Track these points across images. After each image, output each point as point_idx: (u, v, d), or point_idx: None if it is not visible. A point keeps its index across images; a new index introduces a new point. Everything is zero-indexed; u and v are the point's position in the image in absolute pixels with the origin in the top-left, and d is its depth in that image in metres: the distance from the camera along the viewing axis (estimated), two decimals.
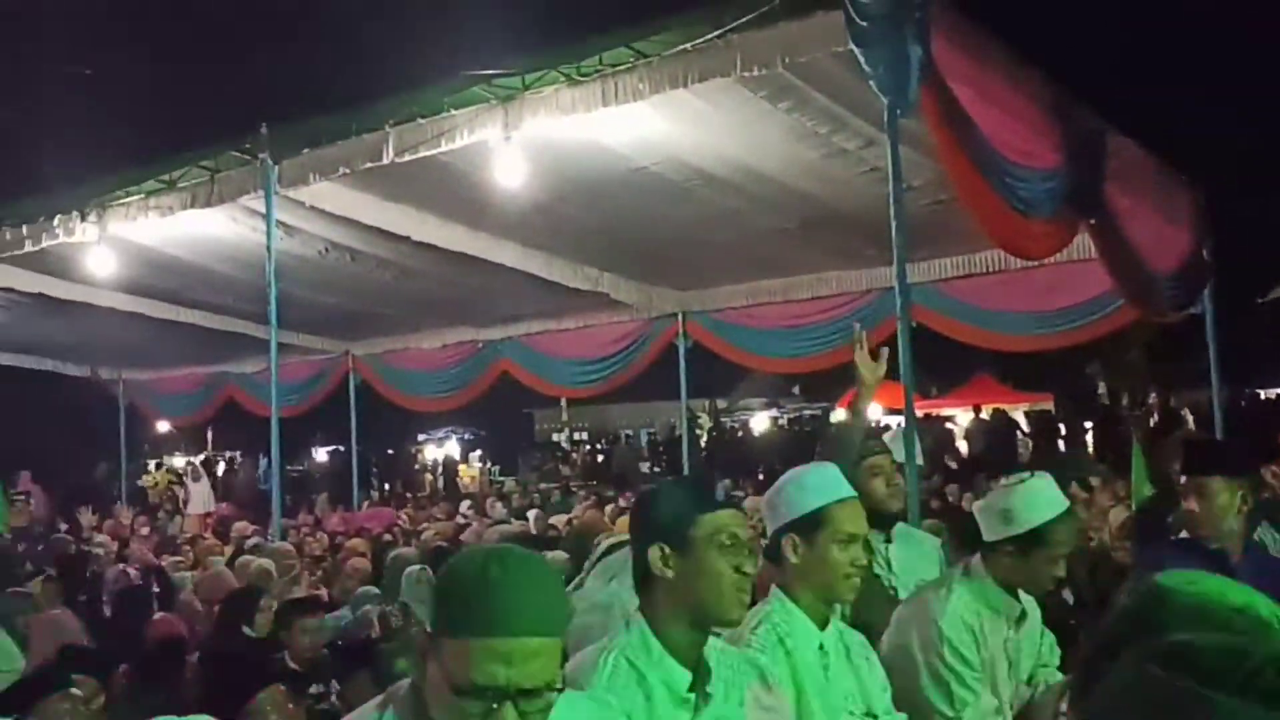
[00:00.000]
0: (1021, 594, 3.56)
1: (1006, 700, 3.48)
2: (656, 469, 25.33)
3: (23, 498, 16.22)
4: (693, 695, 2.46)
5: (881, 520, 4.06)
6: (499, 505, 14.84)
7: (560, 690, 1.84)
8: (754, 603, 2.83)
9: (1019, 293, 11.15)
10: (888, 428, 7.27)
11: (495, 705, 1.75)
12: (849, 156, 8.66)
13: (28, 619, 6.80)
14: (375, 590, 7.69)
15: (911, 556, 4.20)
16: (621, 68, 7.53)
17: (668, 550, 2.49)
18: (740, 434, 27.11)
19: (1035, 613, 3.65)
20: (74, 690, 4.18)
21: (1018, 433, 20.58)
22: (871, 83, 6.07)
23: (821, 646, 2.98)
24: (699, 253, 11.73)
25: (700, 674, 2.49)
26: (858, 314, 11.62)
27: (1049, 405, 24.18)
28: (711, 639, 2.57)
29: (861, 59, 6.02)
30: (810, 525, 2.99)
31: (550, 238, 11.29)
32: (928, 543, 4.53)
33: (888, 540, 4.16)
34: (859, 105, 7.44)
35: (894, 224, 6.11)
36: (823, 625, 3.01)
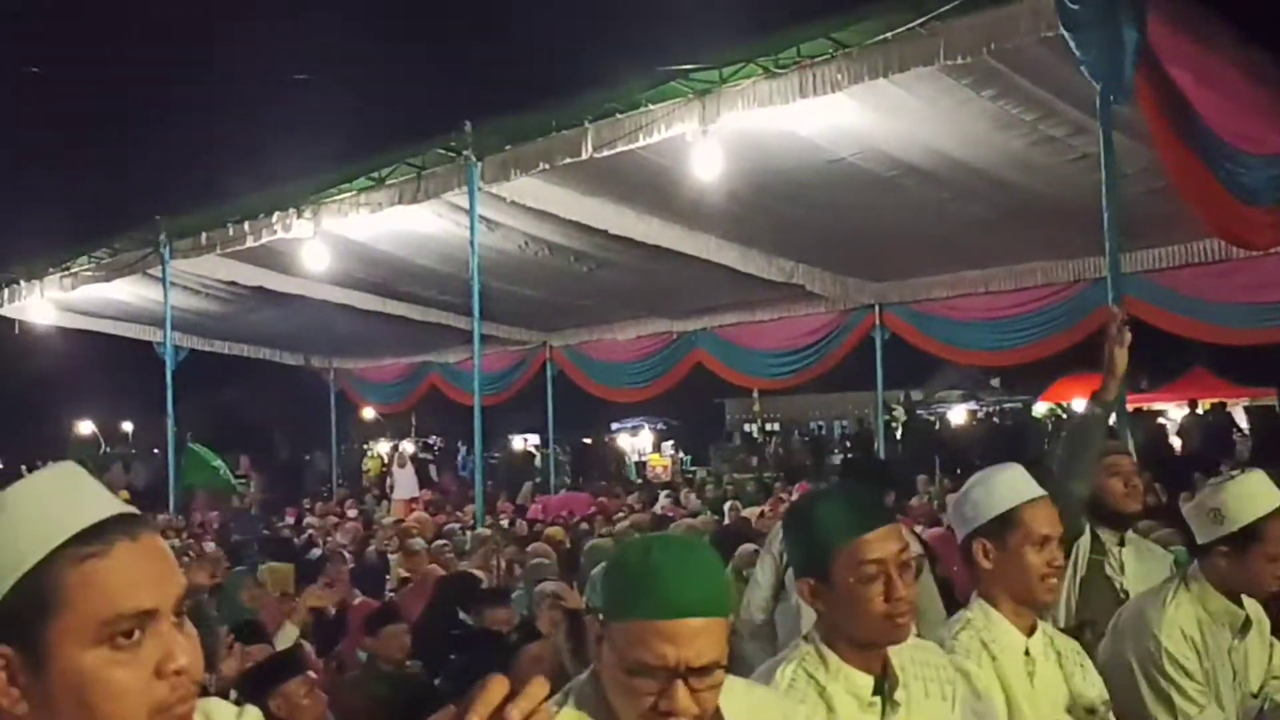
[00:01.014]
0: (1246, 599, 3.37)
1: (1233, 714, 3.31)
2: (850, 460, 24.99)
3: (243, 481, 17.14)
4: (878, 699, 2.43)
5: (1117, 521, 3.91)
6: (693, 496, 14.93)
7: (725, 669, 1.89)
8: None
9: (1239, 284, 10.58)
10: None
11: (666, 685, 1.81)
12: (1056, 144, 8.39)
13: (255, 596, 7.15)
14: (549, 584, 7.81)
15: (1146, 569, 3.98)
16: (820, 59, 7.48)
17: (813, 583, 2.40)
18: (936, 427, 26.57)
19: (1263, 621, 3.45)
20: (310, 674, 4.36)
21: (1235, 429, 19.56)
22: (1083, 68, 5.86)
23: (1027, 652, 2.89)
24: (896, 244, 11.54)
25: (887, 677, 2.44)
26: (1065, 305, 11.28)
27: (1273, 400, 22.84)
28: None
29: (1072, 43, 5.83)
30: (1001, 528, 2.87)
31: (746, 230, 11.28)
32: (1162, 556, 4.29)
33: (1120, 543, 3.99)
34: (1068, 91, 7.20)
35: (1106, 213, 5.90)
36: (1029, 630, 2.92)
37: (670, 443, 28.03)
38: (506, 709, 1.11)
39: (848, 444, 27.22)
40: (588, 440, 26.34)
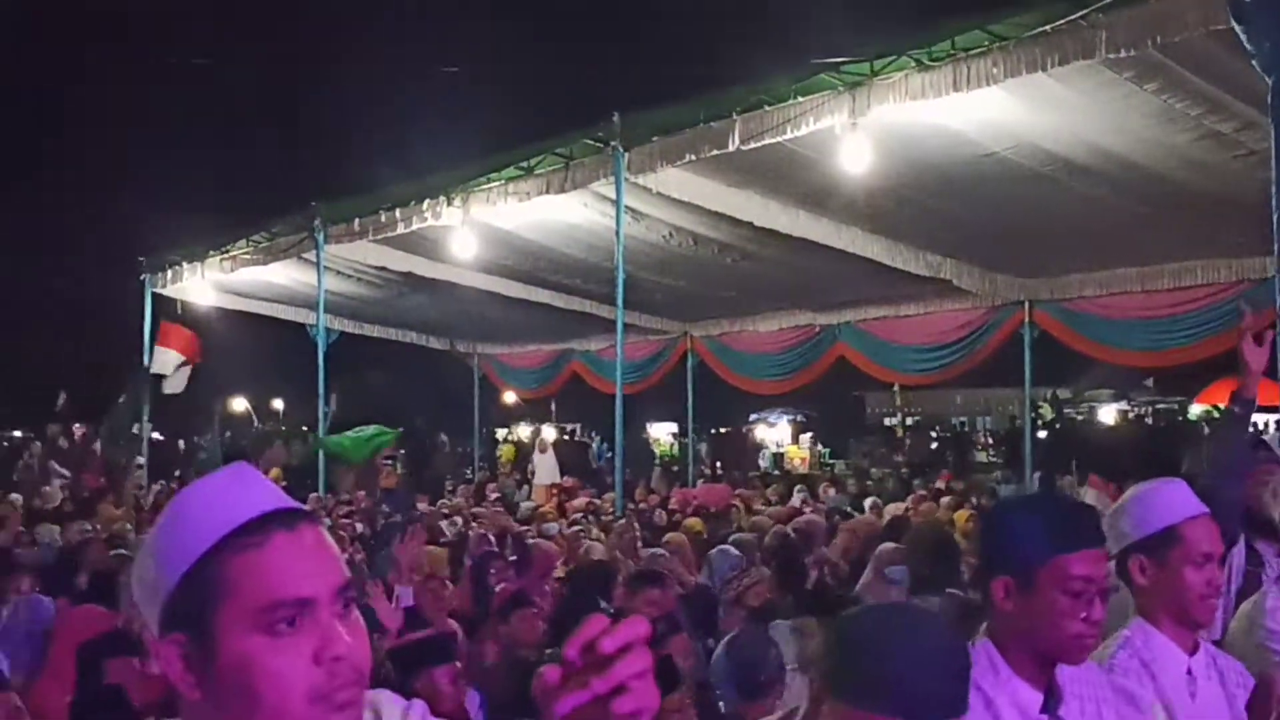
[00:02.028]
0: None
1: None
2: (994, 459, 24.54)
3: (390, 463, 17.53)
4: (1045, 717, 2.38)
5: (1273, 532, 3.78)
6: (831, 490, 14.80)
7: None
8: None
9: None
10: (1265, 429, 6.74)
11: None
12: (1223, 140, 8.10)
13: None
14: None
15: None
16: (975, 51, 7.35)
17: (1012, 586, 2.37)
18: (1086, 426, 25.84)
19: None
20: (456, 664, 4.45)
21: None
22: (1254, 62, 5.63)
23: (1189, 671, 2.81)
24: (1048, 240, 11.27)
25: (1052, 694, 2.40)
26: (1225, 306, 10.86)
27: None
28: None
29: (1243, 36, 5.60)
30: (1160, 545, 2.78)
31: (892, 223, 11.14)
32: None
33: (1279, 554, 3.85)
34: (1236, 85, 6.95)
35: (1276, 212, 5.66)
36: (1191, 649, 2.83)
37: (808, 435, 27.81)
38: (600, 639, 1.14)
39: (990, 440, 26.69)
40: (725, 430, 26.31)
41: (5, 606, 6.59)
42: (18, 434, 29.87)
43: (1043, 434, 21.59)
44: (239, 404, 33.90)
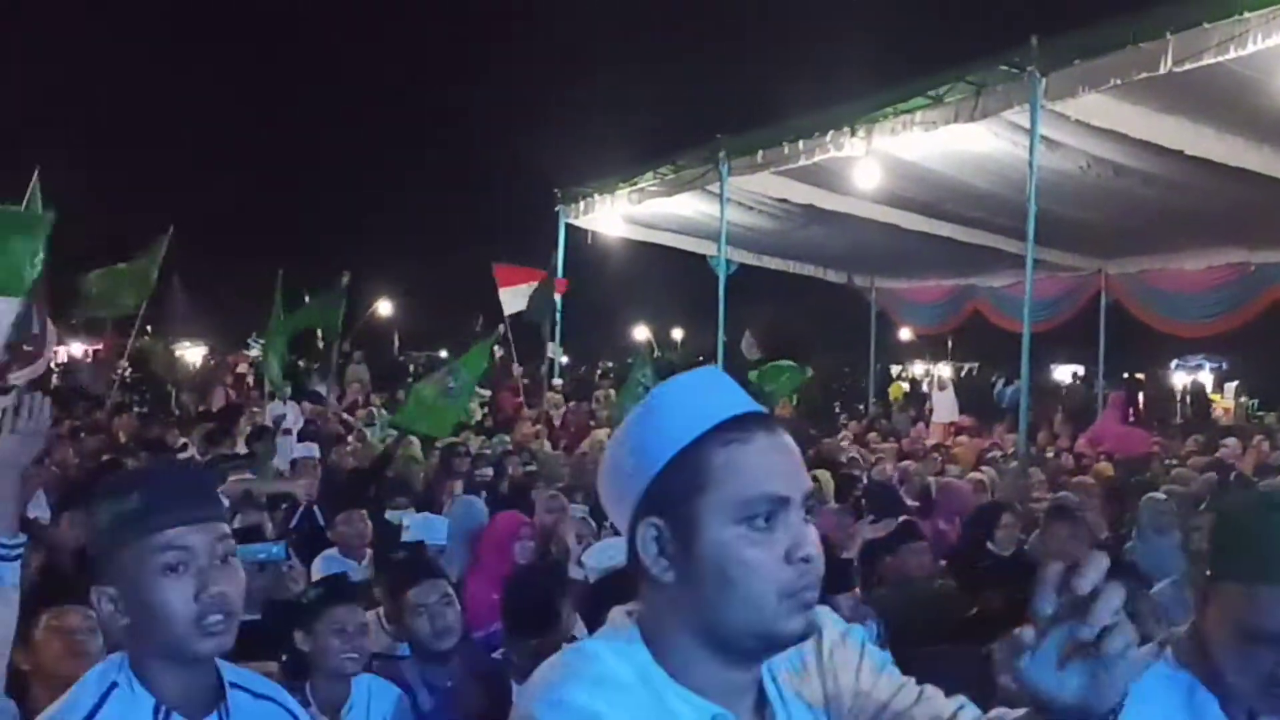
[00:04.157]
0: None
1: None
2: None
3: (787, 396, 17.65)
4: None
5: None
6: (1265, 444, 13.57)
7: None
8: None
9: None
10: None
11: None
12: None
13: None
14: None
15: None
16: None
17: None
18: None
19: None
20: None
21: None
22: None
23: None
24: None
25: None
26: None
27: None
28: None
29: None
30: None
31: None
32: None
33: None
34: None
35: None
36: None
37: (1234, 384, 25.68)
38: (1075, 582, 1.20)
39: None
40: (1139, 375, 24.75)
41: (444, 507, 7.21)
42: (443, 354, 32.63)
43: None
44: (640, 332, 35.41)
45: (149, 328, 23.84)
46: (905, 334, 25.62)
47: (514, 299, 15.50)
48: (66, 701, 1.92)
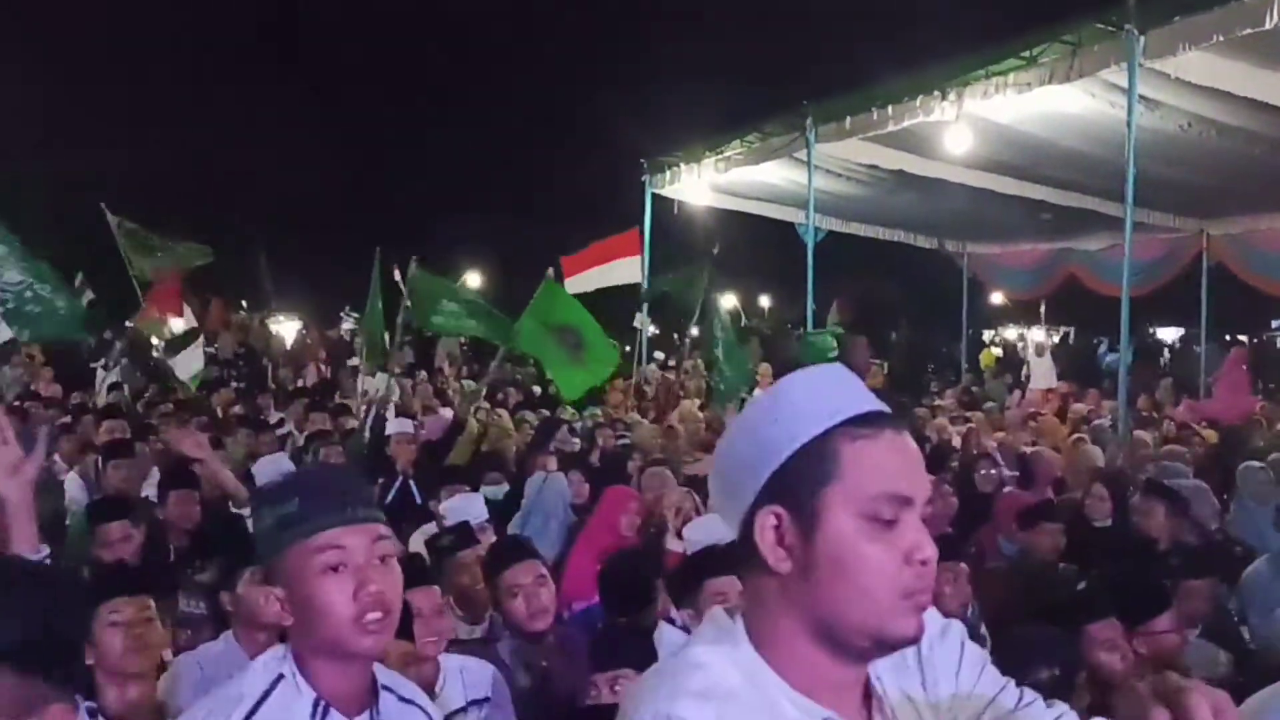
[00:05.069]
0: None
1: None
2: None
3: (877, 363, 17.47)
4: None
5: None
6: None
7: None
8: None
9: None
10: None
11: None
12: None
13: None
14: None
15: None
16: None
17: None
18: None
19: None
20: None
21: None
22: None
23: None
24: None
25: None
26: None
27: None
28: None
29: None
30: None
31: None
32: None
33: None
34: None
35: None
36: None
37: None
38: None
39: None
40: (1242, 338, 24.11)
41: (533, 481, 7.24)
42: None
43: None
44: (727, 301, 35.25)
45: (244, 303, 24.36)
46: (997, 299, 25.23)
47: (607, 274, 15.33)
48: (237, 685, 2.02)
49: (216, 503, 6.23)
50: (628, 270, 15.48)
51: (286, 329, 22.80)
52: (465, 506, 5.91)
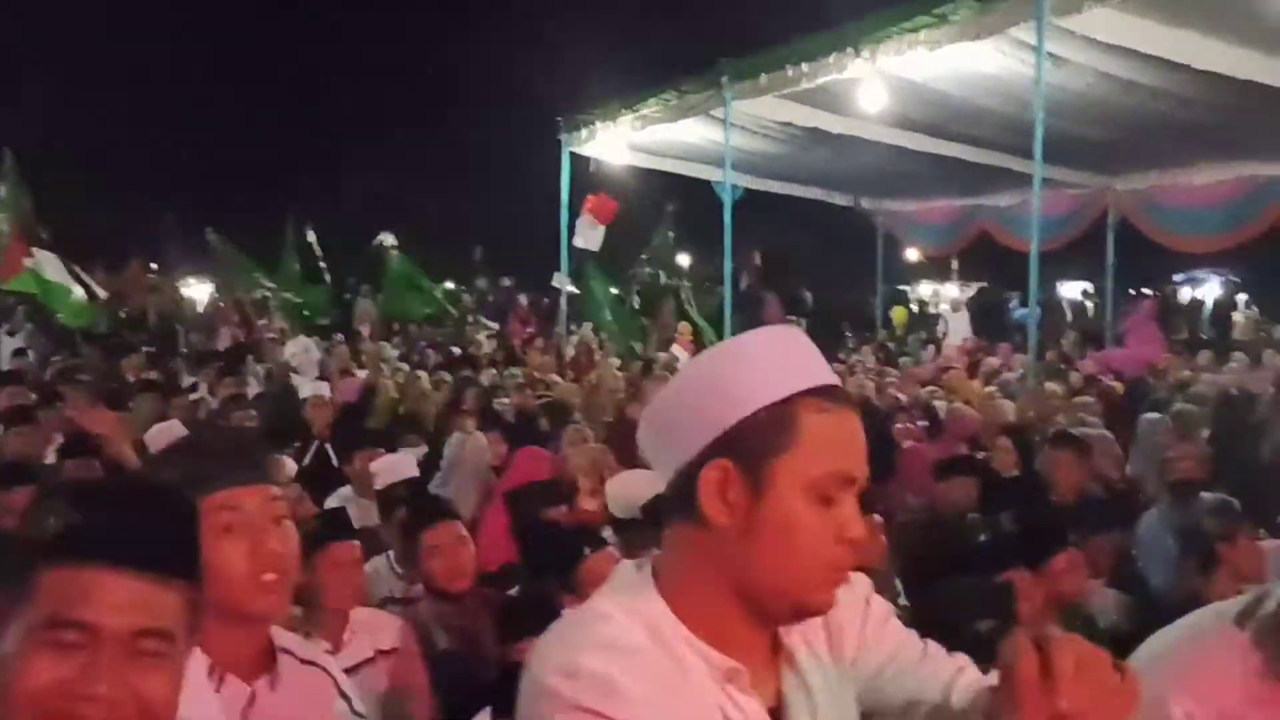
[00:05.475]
0: None
1: None
2: None
3: (793, 319, 17.62)
4: None
5: None
6: (1277, 356, 13.53)
7: None
8: None
9: None
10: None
11: None
12: None
13: None
14: None
15: None
16: None
17: None
18: None
19: None
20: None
21: None
22: None
23: None
24: None
25: None
26: None
27: None
28: None
29: None
30: None
31: None
32: None
33: None
34: None
35: None
36: None
37: (1243, 297, 25.57)
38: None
39: None
40: (1146, 291, 24.67)
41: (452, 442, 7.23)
42: (450, 285, 32.55)
43: None
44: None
45: (153, 265, 23.84)
46: (912, 255, 25.50)
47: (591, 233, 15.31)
48: None
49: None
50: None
51: (198, 292, 22.40)
52: (396, 465, 5.92)
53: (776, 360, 1.44)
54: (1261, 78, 10.00)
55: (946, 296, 22.60)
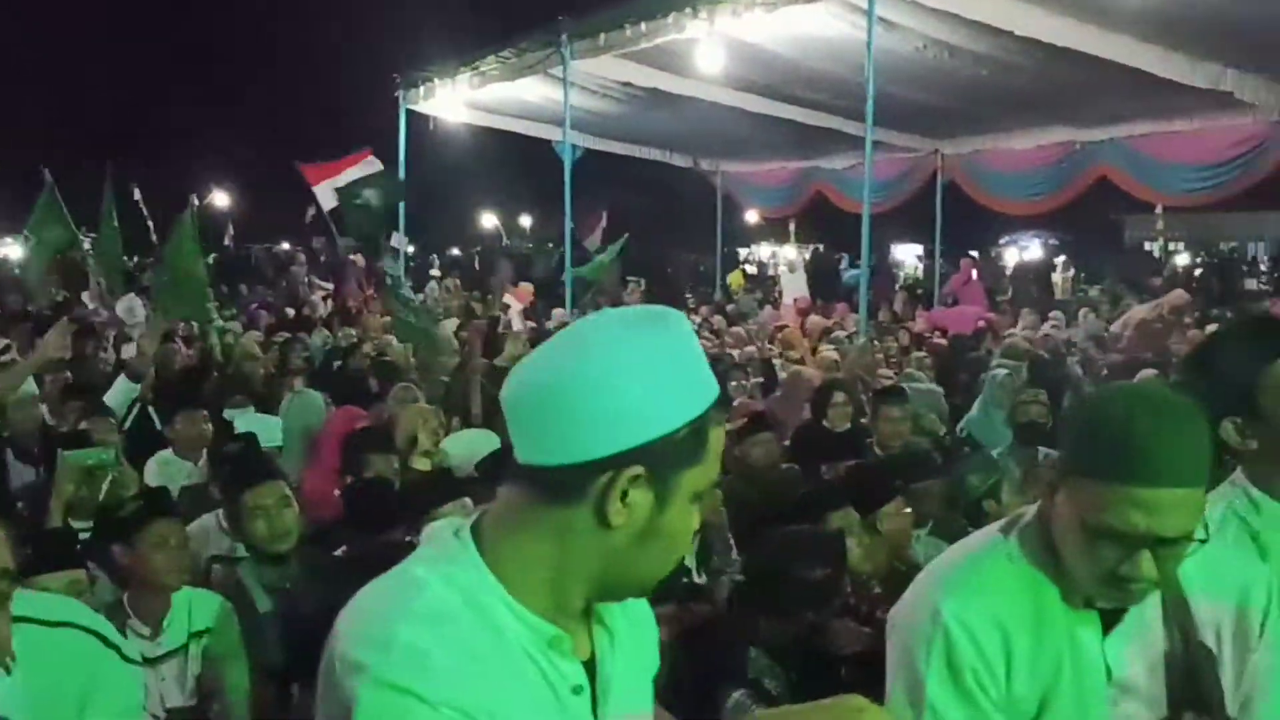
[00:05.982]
0: None
1: None
2: (1265, 287, 23.07)
3: (635, 281, 17.72)
4: None
5: None
6: (1091, 316, 14.15)
7: (1203, 541, 1.81)
8: None
9: None
10: None
11: (1131, 552, 1.75)
12: None
13: None
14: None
15: None
16: None
17: (1239, 422, 2.19)
18: None
19: None
20: None
21: None
22: None
23: None
24: None
25: None
26: None
27: None
28: None
29: None
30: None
31: (1169, 30, 10.25)
32: None
33: None
34: None
35: None
36: None
37: (1062, 259, 26.68)
38: None
39: (1264, 267, 25.04)
40: (974, 253, 25.54)
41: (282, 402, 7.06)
42: (285, 246, 31.71)
43: None
44: (488, 220, 34.94)
45: None
46: (751, 217, 25.84)
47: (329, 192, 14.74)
48: None
49: None
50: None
51: (13, 251, 21.38)
52: (260, 426, 5.78)
53: (691, 373, 1.40)
54: (1077, 44, 10.37)
55: (785, 258, 22.94)
